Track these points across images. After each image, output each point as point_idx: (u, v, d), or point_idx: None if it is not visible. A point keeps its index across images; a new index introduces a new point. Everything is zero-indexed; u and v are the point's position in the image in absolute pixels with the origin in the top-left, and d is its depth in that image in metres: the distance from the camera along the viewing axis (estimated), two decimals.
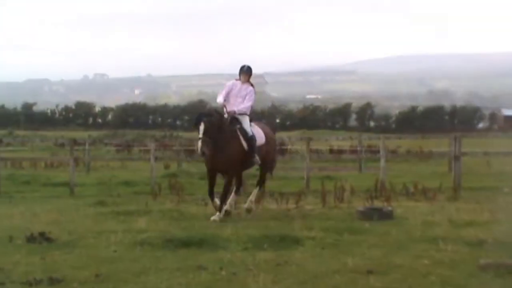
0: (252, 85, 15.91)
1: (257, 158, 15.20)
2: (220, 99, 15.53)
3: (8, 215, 15.50)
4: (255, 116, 18.72)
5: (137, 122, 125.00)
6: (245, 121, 15.33)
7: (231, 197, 15.54)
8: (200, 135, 14.10)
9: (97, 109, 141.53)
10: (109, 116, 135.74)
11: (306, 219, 14.24)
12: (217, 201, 14.78)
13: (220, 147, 14.41)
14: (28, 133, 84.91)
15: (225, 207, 14.78)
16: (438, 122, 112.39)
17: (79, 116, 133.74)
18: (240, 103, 15.38)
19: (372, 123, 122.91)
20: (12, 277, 8.97)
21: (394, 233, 12.45)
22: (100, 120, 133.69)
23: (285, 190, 19.15)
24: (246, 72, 15.65)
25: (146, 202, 17.71)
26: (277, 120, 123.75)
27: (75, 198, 20.75)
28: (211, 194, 15.02)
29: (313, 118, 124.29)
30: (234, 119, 15.19)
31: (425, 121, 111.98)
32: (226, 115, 15.24)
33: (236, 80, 15.73)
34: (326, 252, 10.70)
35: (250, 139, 15.07)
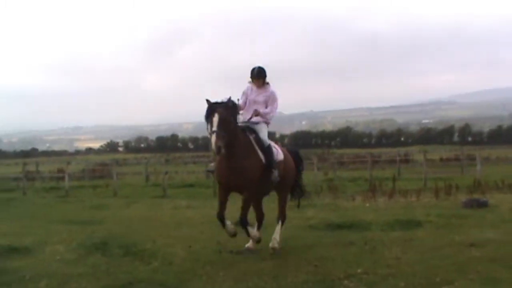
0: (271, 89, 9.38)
1: (276, 173, 9.04)
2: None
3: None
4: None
5: (305, 143, 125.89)
6: (262, 131, 9.21)
7: (254, 232, 9.17)
8: (214, 128, 7.99)
9: (277, 136, 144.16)
10: (286, 140, 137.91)
11: (424, 208, 13.84)
12: (229, 224, 8.83)
13: (234, 159, 8.45)
14: None
15: (254, 234, 9.08)
16: None
17: None
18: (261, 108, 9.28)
19: (470, 139, 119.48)
20: (225, 248, 9.31)
21: (489, 217, 11.93)
22: (279, 143, 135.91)
23: (409, 188, 18.73)
24: (256, 76, 9.22)
25: (313, 198, 17.80)
26: (402, 139, 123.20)
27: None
28: (222, 216, 8.74)
29: (427, 136, 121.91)
30: (248, 128, 9.08)
31: (509, 136, 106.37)
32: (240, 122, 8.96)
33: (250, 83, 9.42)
34: (440, 231, 10.37)
35: (268, 151, 9.05)
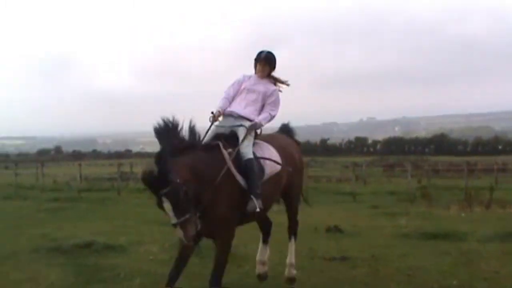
0: (276, 83, 6.63)
1: (254, 202, 5.74)
2: (221, 103, 6.28)
3: (311, 213, 16.00)
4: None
5: (397, 150, 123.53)
6: (246, 140, 6.04)
7: (262, 251, 7.42)
8: (173, 221, 4.99)
9: (369, 141, 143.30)
10: (378, 146, 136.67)
11: None
12: None
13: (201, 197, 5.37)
14: (324, 159, 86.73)
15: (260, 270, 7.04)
16: None
17: (358, 146, 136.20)
18: (253, 110, 6.34)
19: None
20: (317, 254, 9.21)
21: None
22: (371, 149, 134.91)
23: (508, 198, 17.95)
24: (264, 60, 6.52)
25: (406, 206, 17.43)
26: (499, 147, 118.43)
27: (356, 202, 20.92)
28: (171, 280, 5.67)
29: None
30: (227, 137, 6.08)
31: None
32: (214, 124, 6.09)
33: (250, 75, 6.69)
34: None
35: (249, 169, 5.85)
